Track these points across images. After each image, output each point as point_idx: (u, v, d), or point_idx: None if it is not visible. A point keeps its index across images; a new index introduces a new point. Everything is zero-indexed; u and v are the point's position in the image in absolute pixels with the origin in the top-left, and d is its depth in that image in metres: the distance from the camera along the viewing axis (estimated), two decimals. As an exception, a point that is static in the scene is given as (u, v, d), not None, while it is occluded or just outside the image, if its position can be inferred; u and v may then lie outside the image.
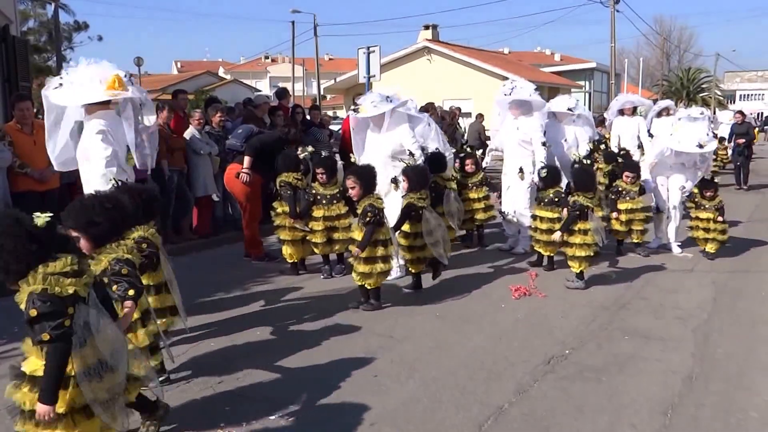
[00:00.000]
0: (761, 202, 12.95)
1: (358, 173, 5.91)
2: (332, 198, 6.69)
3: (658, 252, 8.12)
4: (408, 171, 6.29)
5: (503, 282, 6.69)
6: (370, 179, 5.87)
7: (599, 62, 39.42)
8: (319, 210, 6.69)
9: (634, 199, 7.87)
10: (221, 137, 8.77)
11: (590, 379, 4.37)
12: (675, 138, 7.67)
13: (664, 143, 7.82)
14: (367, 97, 6.96)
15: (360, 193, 5.78)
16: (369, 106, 6.79)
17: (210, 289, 6.54)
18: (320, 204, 6.71)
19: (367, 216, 5.60)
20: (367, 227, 5.61)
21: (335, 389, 4.18)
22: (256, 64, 72.11)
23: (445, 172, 7.48)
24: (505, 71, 26.53)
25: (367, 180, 5.85)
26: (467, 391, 4.17)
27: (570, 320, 5.57)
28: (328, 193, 6.72)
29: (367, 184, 5.83)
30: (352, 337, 5.14)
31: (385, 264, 5.71)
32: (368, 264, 5.62)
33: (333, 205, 6.69)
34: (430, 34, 29.99)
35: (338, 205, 6.71)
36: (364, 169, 5.99)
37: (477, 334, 5.22)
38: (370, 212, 5.61)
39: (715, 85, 57.14)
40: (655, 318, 5.64)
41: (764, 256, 8.06)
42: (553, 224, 6.80)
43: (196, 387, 4.23)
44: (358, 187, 5.79)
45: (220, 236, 9.00)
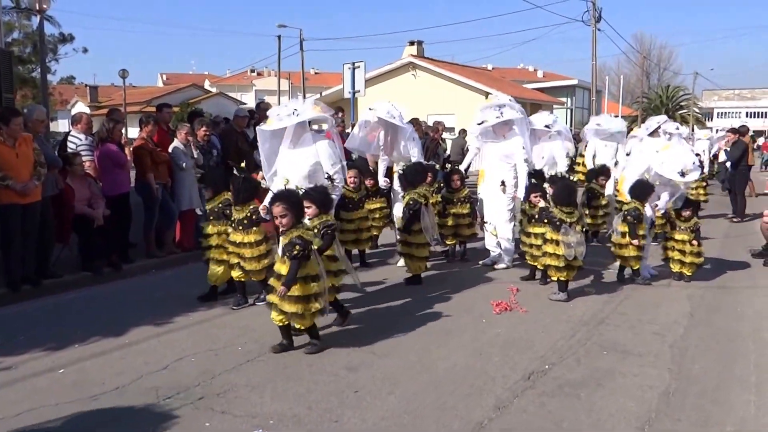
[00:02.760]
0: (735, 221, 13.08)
1: (289, 199, 5.11)
2: (239, 223, 6.06)
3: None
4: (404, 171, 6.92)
5: (485, 297, 6.73)
6: (300, 206, 5.19)
7: (581, 79, 39.93)
8: (236, 234, 6.11)
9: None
10: (206, 151, 8.78)
11: (569, 394, 4.42)
12: (659, 158, 7.43)
13: (648, 161, 7.59)
14: (275, 109, 6.58)
15: (291, 222, 5.02)
16: (274, 117, 6.32)
17: (192, 303, 6.53)
18: (232, 227, 6.17)
19: (295, 249, 4.87)
20: (292, 262, 4.89)
21: (316, 405, 4.20)
22: (242, 77, 72.11)
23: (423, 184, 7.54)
24: (489, 87, 26.71)
25: (298, 207, 5.14)
26: (448, 406, 4.21)
27: (550, 335, 5.63)
28: (237, 216, 6.10)
29: (298, 212, 5.13)
30: (334, 352, 5.16)
31: (319, 302, 5.03)
32: (300, 303, 4.94)
33: (238, 231, 6.07)
34: (415, 50, 30.21)
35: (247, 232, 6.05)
36: (294, 195, 5.25)
37: (458, 350, 5.26)
38: (298, 245, 4.87)
39: (694, 102, 57.92)
40: (633, 333, 5.72)
41: (739, 272, 8.17)
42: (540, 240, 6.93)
43: (176, 402, 4.23)
44: (290, 216, 5.02)
45: None
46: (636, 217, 7.13)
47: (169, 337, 5.53)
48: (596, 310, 6.38)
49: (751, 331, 5.81)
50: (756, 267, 8.41)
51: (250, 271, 6.13)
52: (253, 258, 6.04)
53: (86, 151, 7.92)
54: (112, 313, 6.21)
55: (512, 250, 8.18)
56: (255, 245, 6.04)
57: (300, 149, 6.29)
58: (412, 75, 28.99)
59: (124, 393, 4.37)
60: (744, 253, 9.15)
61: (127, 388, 4.44)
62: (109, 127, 7.89)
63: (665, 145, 7.57)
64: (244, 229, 6.03)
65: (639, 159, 7.82)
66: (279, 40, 40.12)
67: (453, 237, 8.50)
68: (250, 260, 6.05)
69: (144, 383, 4.49)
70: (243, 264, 6.12)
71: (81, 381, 4.59)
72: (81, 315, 6.25)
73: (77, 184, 7.49)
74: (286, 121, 6.18)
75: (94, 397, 4.31)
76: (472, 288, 7.26)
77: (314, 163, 6.25)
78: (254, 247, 6.04)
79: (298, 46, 39.88)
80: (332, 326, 5.70)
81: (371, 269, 8.16)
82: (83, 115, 8.47)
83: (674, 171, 7.24)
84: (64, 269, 7.46)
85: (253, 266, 6.06)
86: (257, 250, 6.04)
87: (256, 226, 6.05)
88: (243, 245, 6.05)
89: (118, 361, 4.98)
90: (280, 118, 6.21)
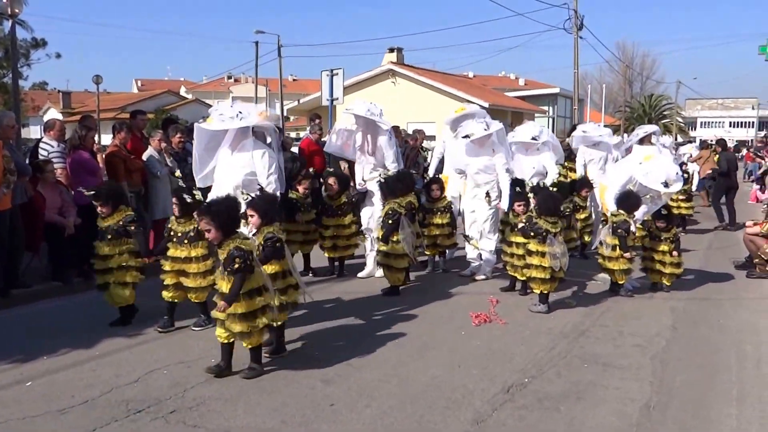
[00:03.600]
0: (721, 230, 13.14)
1: (214, 211, 4.66)
2: (184, 236, 5.67)
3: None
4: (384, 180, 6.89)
5: (464, 308, 6.64)
6: (228, 216, 4.68)
7: (563, 87, 40.17)
8: (174, 249, 5.72)
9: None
10: (181, 159, 8.64)
11: (549, 408, 4.34)
12: (643, 169, 7.31)
13: (631, 171, 7.49)
14: (218, 107, 6.09)
15: (218, 236, 4.63)
16: (216, 117, 5.88)
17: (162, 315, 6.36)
18: (174, 242, 5.74)
19: (235, 262, 4.50)
20: (234, 276, 4.53)
21: (291, 418, 4.09)
22: (219, 84, 71.40)
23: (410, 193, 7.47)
24: (470, 95, 26.78)
25: (226, 218, 4.65)
26: (425, 420, 4.11)
27: (530, 347, 5.55)
28: (181, 230, 5.72)
29: (227, 224, 4.66)
30: (309, 364, 5.03)
31: (266, 316, 4.69)
32: (246, 321, 4.58)
33: (183, 246, 5.68)
34: (395, 57, 30.17)
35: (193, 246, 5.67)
36: (222, 205, 4.74)
37: (436, 362, 5.16)
38: (238, 257, 4.48)
39: (677, 111, 58.53)
40: (614, 346, 5.65)
41: (723, 284, 8.14)
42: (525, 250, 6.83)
43: (147, 416, 4.09)
44: (214, 229, 4.61)
45: None
46: (626, 230, 7.06)
47: (141, 349, 5.38)
48: (577, 322, 6.31)
49: (733, 343, 5.77)
50: (739, 279, 8.39)
51: (193, 289, 5.69)
52: (199, 274, 5.64)
53: (58, 159, 7.72)
54: (82, 325, 6.03)
55: (493, 261, 8.11)
56: (201, 260, 5.65)
57: (238, 155, 5.96)
58: (391, 82, 28.93)
59: (93, 406, 4.23)
60: (727, 264, 9.13)
61: (96, 401, 4.29)
62: (82, 134, 7.71)
63: (647, 156, 7.50)
64: (189, 242, 5.63)
65: (621, 169, 7.76)
66: (257, 46, 39.96)
67: (432, 247, 8.41)
68: (195, 276, 5.64)
69: (114, 396, 4.35)
70: (186, 281, 5.67)
71: (50, 394, 4.43)
72: (51, 326, 6.07)
73: (48, 192, 7.30)
74: (228, 123, 5.81)
75: (63, 410, 4.17)
76: (451, 299, 7.18)
77: (250, 172, 5.92)
78: (200, 261, 5.65)
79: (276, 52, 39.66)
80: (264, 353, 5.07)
81: (349, 279, 8.04)
82: (56, 121, 8.29)
83: (658, 182, 7.17)
84: (34, 279, 7.25)
85: (197, 283, 5.65)
86: (203, 265, 5.64)
87: (203, 240, 5.56)
88: (188, 260, 5.64)
89: (88, 373, 4.83)
90: (222, 119, 5.82)
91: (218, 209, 4.66)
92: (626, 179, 7.44)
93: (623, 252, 7.06)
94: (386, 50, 30.84)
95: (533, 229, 6.60)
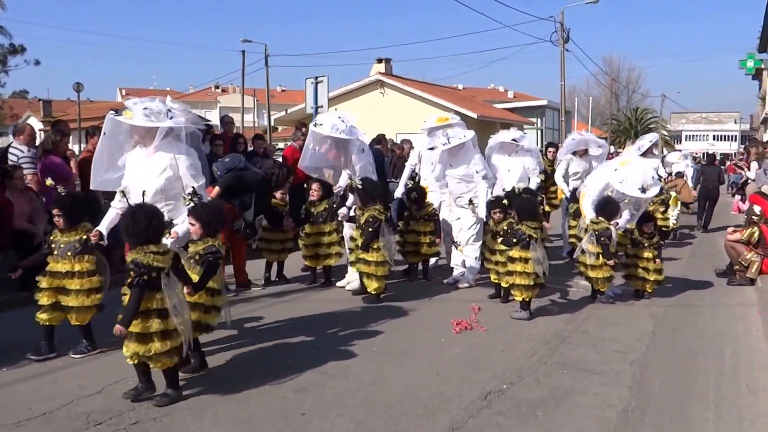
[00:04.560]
0: (703, 239, 13.14)
1: (126, 223, 4.19)
2: (67, 248, 5.07)
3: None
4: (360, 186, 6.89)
5: (445, 316, 6.54)
6: (142, 227, 4.13)
7: (550, 100, 40.28)
8: (54, 263, 5.10)
9: None
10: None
11: (526, 414, 4.25)
12: (618, 176, 7.22)
13: (607, 178, 7.40)
14: (140, 102, 5.33)
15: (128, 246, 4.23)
16: (139, 112, 5.20)
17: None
18: (54, 255, 5.11)
19: (129, 276, 4.03)
20: (132, 291, 4.05)
21: (260, 428, 3.98)
22: (206, 93, 70.54)
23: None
24: (458, 106, 26.77)
25: (138, 229, 4.13)
26: (399, 428, 4.01)
27: (510, 354, 5.46)
28: (65, 240, 5.11)
29: (138, 234, 4.13)
30: (282, 373, 4.91)
31: (166, 342, 4.13)
32: (142, 343, 4.09)
33: (65, 259, 5.06)
34: (383, 67, 30.17)
35: (78, 260, 5.07)
36: (135, 215, 4.18)
37: (414, 369, 5.06)
38: (132, 270, 4.03)
39: (662, 125, 58.91)
40: (595, 352, 5.58)
41: (703, 291, 8.09)
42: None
43: (108, 428, 3.96)
44: (126, 237, 4.21)
45: None
46: (608, 237, 6.97)
47: (107, 359, 5.18)
48: (558, 329, 6.23)
49: (711, 349, 5.71)
50: (720, 286, 8.35)
51: (74, 309, 5.05)
52: (82, 291, 5.02)
53: (28, 164, 7.50)
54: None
55: (476, 269, 8.03)
56: (86, 275, 5.06)
57: (157, 157, 5.27)
58: (380, 93, 28.89)
59: (51, 419, 4.09)
60: (709, 272, 9.09)
61: (55, 414, 4.15)
62: (55, 139, 7.54)
63: (622, 161, 7.44)
64: (74, 255, 5.02)
65: (598, 176, 7.69)
66: (243, 56, 39.61)
67: (414, 255, 8.32)
68: (77, 294, 5.02)
69: (75, 408, 4.20)
70: (66, 300, 5.05)
71: (6, 405, 4.29)
72: (15, 336, 5.83)
73: (17, 199, 7.09)
74: (155, 121, 5.20)
75: (19, 423, 4.02)
76: (433, 307, 7.09)
77: (171, 176, 5.27)
78: (84, 277, 5.04)
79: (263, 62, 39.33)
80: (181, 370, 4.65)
81: (328, 288, 7.95)
82: (26, 125, 8.12)
83: (635, 188, 7.10)
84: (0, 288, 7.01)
85: (80, 301, 5.03)
86: (88, 281, 5.05)
87: (90, 254, 5.10)
88: (70, 275, 5.02)
89: (49, 384, 4.68)
90: (147, 114, 5.17)
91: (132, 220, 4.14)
92: (603, 186, 7.37)
93: (607, 260, 6.98)
94: (375, 61, 30.81)
95: (516, 235, 6.50)
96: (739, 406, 4.42)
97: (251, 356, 5.35)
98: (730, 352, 5.61)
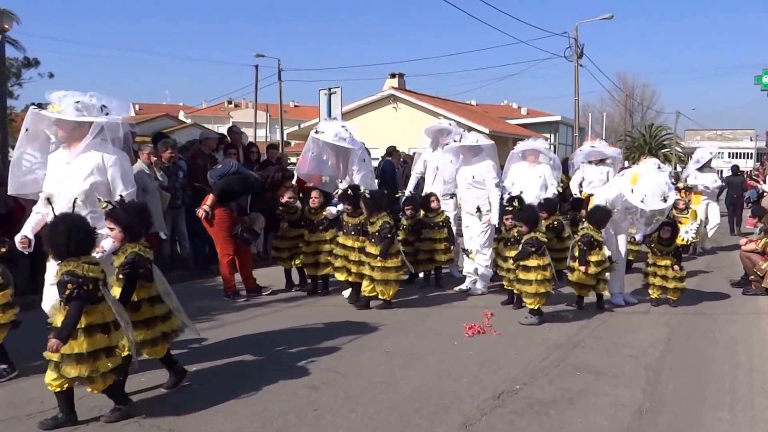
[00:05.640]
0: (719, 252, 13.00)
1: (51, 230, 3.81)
2: None
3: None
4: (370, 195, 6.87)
5: (457, 321, 6.53)
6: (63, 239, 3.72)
7: (564, 116, 40.25)
8: None
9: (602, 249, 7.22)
10: (171, 173, 8.61)
11: (539, 412, 4.24)
12: (637, 196, 7.08)
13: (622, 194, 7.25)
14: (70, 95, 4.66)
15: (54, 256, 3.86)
16: (69, 105, 4.60)
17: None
18: None
19: (66, 289, 3.66)
20: (69, 305, 3.68)
21: (271, 423, 4.00)
22: (219, 109, 70.68)
23: None
24: (471, 121, 26.82)
25: (58, 241, 3.74)
26: (411, 423, 4.01)
27: (522, 357, 5.45)
28: None
29: (58, 246, 3.75)
30: (295, 371, 4.94)
31: (111, 360, 3.83)
32: (84, 363, 3.70)
33: None
34: (396, 82, 30.26)
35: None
36: (56, 226, 3.79)
37: (426, 370, 5.06)
38: (70, 283, 3.66)
39: (676, 142, 58.69)
40: (608, 356, 5.55)
41: (719, 301, 8.01)
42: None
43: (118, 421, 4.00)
44: (51, 250, 3.84)
45: (166, 275, 8.53)
46: (586, 244, 6.92)
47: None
48: (572, 334, 6.21)
49: (726, 354, 5.68)
50: (735, 296, 8.28)
51: None
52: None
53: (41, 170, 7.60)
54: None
55: (489, 276, 8.01)
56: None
57: (84, 158, 4.68)
58: (393, 107, 28.98)
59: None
60: (724, 284, 9.01)
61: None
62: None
63: (632, 177, 7.23)
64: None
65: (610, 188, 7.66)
66: (256, 70, 39.61)
67: (429, 262, 8.33)
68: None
69: (86, 402, 4.18)
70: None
71: (16, 401, 4.33)
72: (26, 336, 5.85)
73: (29, 204, 7.16)
74: (88, 115, 4.63)
75: (31, 415, 4.05)
76: (445, 312, 7.09)
77: (97, 182, 4.66)
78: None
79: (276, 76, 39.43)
80: (160, 388, 4.51)
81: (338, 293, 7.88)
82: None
83: (657, 200, 7.06)
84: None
85: None
86: (1, 296, 4.64)
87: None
88: None
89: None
90: (79, 109, 4.59)
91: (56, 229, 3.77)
92: (614, 197, 7.33)
93: (580, 265, 6.92)
94: (388, 75, 30.92)
95: (535, 245, 6.48)
96: (753, 409, 4.39)
97: (262, 358, 5.36)
98: (745, 358, 5.57)
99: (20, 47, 26.39)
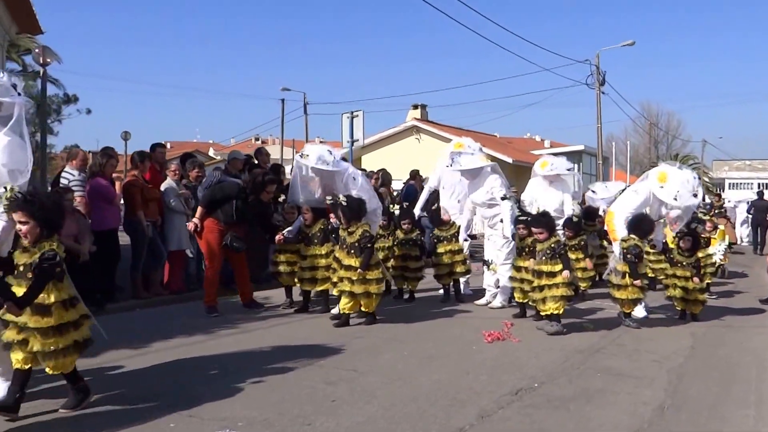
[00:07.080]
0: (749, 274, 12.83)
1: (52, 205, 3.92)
2: None
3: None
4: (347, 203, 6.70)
5: (476, 329, 6.49)
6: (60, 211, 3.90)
7: (587, 145, 40.10)
8: None
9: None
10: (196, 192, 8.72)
11: (557, 407, 4.20)
12: (669, 193, 6.97)
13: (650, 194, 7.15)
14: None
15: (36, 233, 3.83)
16: None
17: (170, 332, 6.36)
18: None
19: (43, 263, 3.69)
20: (37, 278, 3.70)
21: (289, 411, 4.01)
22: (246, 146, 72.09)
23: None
24: (494, 151, 26.89)
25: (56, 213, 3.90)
26: (427, 414, 4.00)
27: (542, 360, 5.40)
28: None
29: (59, 218, 3.92)
30: (313, 369, 4.97)
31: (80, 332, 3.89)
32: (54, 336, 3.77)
33: None
34: (419, 113, 30.50)
35: None
36: (50, 198, 3.97)
37: (444, 369, 5.05)
38: (51, 259, 3.72)
39: (703, 171, 58.04)
40: (630, 361, 5.48)
41: (746, 315, 7.85)
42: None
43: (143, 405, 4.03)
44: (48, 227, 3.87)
45: (192, 293, 8.55)
46: (636, 255, 6.64)
47: (147, 358, 5.32)
48: (593, 342, 6.15)
49: (753, 360, 5.58)
50: (764, 311, 8.11)
51: None
52: None
53: (78, 187, 7.79)
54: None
55: (510, 289, 7.96)
56: None
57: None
58: (416, 139, 29.19)
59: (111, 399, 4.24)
60: (753, 301, 8.84)
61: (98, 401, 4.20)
62: (102, 162, 7.81)
63: (661, 176, 7.12)
64: None
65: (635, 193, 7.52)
66: (282, 104, 40.05)
67: (448, 276, 8.31)
68: None
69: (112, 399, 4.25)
70: None
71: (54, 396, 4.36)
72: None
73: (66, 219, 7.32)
74: None
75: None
76: (464, 322, 7.07)
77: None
78: None
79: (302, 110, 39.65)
80: (59, 410, 4.00)
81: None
82: (79, 151, 8.47)
83: (689, 196, 7.01)
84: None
85: None
86: None
87: None
88: None
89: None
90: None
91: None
92: (641, 201, 7.22)
93: (633, 279, 6.68)
94: (410, 107, 31.19)
95: (560, 251, 6.47)
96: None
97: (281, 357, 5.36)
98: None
99: (60, 85, 26.94)
